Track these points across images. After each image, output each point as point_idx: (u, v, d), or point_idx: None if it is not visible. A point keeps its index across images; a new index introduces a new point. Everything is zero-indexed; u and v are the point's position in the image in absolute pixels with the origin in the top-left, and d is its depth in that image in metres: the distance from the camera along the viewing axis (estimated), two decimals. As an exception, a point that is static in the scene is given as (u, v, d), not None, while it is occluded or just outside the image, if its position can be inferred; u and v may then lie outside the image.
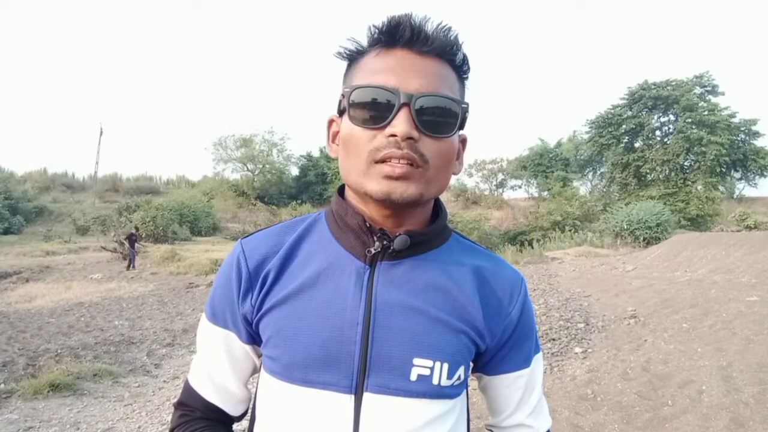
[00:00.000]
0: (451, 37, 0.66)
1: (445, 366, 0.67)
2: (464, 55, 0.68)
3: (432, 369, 0.66)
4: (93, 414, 4.06)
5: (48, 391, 4.37)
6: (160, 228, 21.76)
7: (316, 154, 37.48)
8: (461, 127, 0.68)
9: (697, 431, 3.10)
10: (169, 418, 4.01)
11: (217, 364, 0.76)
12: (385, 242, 0.68)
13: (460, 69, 0.69)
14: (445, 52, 0.66)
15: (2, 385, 4.58)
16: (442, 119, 0.64)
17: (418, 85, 0.63)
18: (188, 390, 0.78)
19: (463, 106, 0.67)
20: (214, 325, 0.75)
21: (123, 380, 5.01)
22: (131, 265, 15.28)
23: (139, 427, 3.81)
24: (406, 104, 0.62)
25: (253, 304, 0.71)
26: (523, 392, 0.78)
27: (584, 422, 3.35)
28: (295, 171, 38.27)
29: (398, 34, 0.64)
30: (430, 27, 0.65)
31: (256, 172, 36.20)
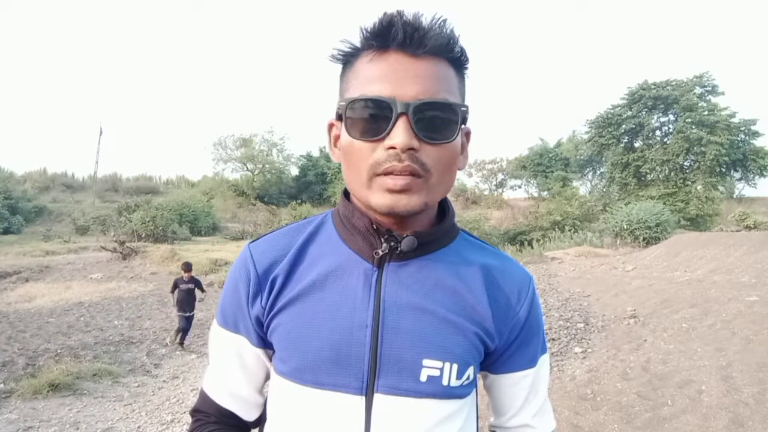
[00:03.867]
0: (447, 32, 0.62)
1: (455, 367, 0.67)
2: (461, 49, 0.65)
3: (442, 370, 0.66)
4: (92, 414, 4.06)
5: (48, 391, 4.38)
6: (160, 228, 21.75)
7: (315, 154, 37.47)
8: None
9: (696, 431, 3.10)
10: (169, 417, 4.03)
11: (229, 369, 0.76)
12: (392, 243, 0.67)
13: (458, 62, 0.66)
14: (442, 50, 0.63)
15: (2, 385, 4.58)
16: (441, 126, 0.62)
17: (415, 92, 0.60)
18: (203, 397, 0.79)
19: (462, 109, 0.63)
20: (225, 330, 0.76)
21: (123, 380, 5.01)
22: (182, 342, 6.57)
23: (138, 427, 3.81)
24: (404, 114, 0.59)
25: (263, 306, 0.71)
26: (528, 392, 0.77)
27: (584, 422, 3.35)
28: (294, 171, 38.27)
29: (390, 36, 0.61)
30: (424, 23, 0.61)
31: (256, 172, 36.18)
